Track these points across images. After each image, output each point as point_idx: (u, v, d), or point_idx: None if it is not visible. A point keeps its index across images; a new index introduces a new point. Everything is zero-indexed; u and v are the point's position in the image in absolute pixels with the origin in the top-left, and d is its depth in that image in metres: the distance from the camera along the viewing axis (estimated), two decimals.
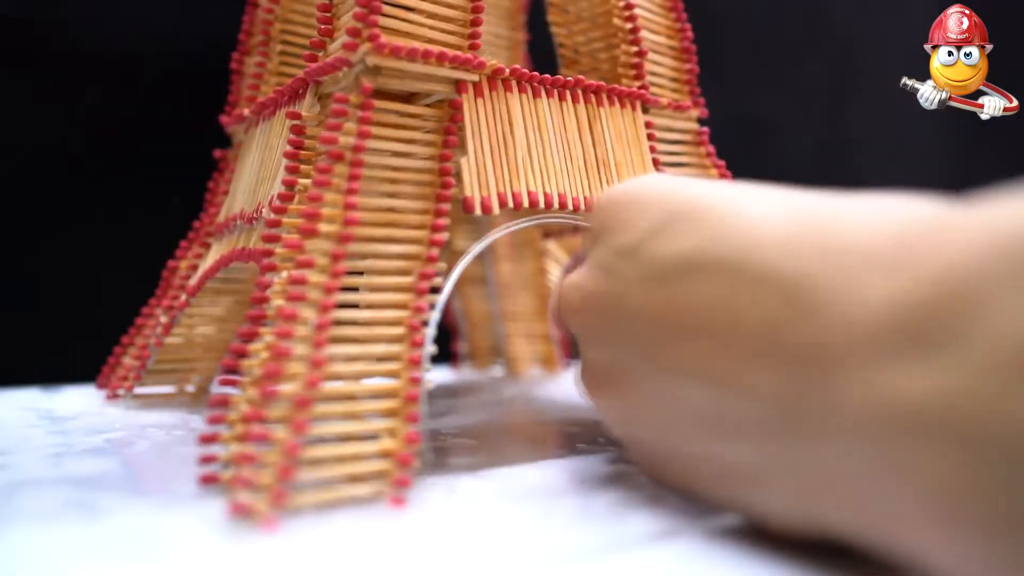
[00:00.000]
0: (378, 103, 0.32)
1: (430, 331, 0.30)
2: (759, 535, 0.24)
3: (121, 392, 0.46)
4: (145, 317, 0.48)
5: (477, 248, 0.34)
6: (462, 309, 0.62)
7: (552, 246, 0.63)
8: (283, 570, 0.21)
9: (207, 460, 0.28)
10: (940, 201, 0.21)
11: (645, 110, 0.41)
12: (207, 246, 0.46)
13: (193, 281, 0.44)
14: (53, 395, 0.49)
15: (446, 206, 0.32)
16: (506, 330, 0.61)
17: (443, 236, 0.32)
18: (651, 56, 0.42)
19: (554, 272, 0.62)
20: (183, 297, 0.44)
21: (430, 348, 0.30)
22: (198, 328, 0.46)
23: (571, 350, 0.64)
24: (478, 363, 0.63)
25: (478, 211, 0.32)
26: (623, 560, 0.22)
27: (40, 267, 0.55)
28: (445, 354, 0.62)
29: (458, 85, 0.33)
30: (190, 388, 0.47)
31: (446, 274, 0.32)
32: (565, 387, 0.56)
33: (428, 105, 0.33)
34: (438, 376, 0.60)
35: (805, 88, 0.83)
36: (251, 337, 0.29)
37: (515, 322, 0.61)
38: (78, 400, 0.47)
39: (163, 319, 0.45)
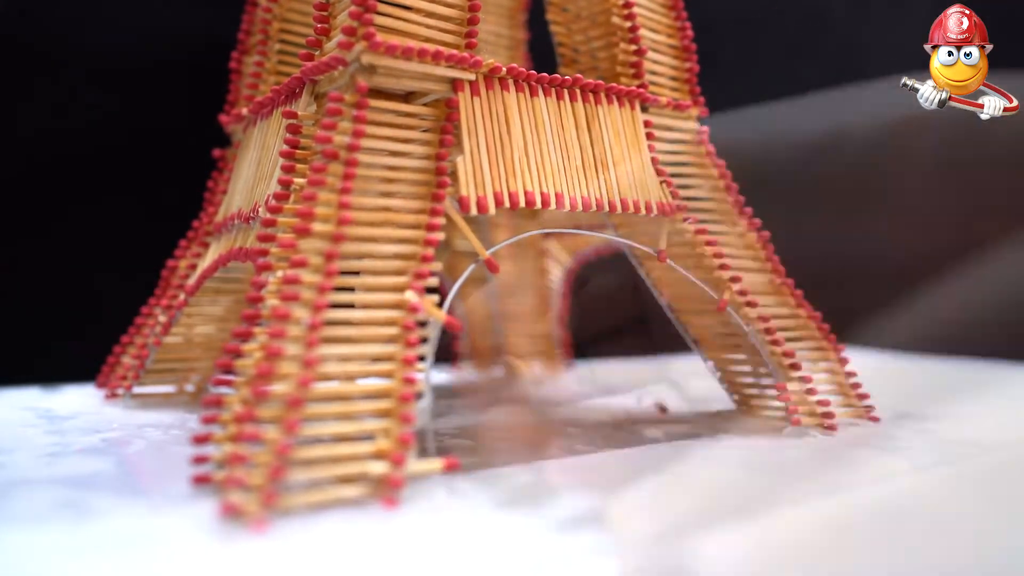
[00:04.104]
0: (373, 102, 0.31)
1: (433, 332, 0.30)
2: (757, 535, 0.24)
3: (120, 391, 0.46)
4: (144, 317, 0.48)
5: (493, 248, 0.34)
6: (462, 309, 0.62)
7: (552, 246, 0.62)
8: (272, 570, 0.21)
9: (200, 460, 0.28)
10: None
11: (644, 109, 0.41)
12: (206, 245, 0.46)
13: (192, 280, 0.44)
14: (53, 394, 0.49)
15: (442, 206, 0.32)
16: (506, 330, 0.61)
17: (438, 236, 0.32)
18: (650, 55, 0.42)
19: (554, 272, 0.62)
20: (182, 296, 0.44)
21: (433, 347, 0.30)
22: (197, 327, 0.46)
23: (571, 350, 0.63)
24: (478, 363, 0.62)
25: (474, 211, 0.32)
26: (622, 560, 0.22)
27: (40, 267, 0.55)
28: (445, 354, 0.62)
29: (454, 84, 0.33)
30: (189, 387, 0.47)
31: (452, 279, 0.32)
32: (565, 387, 0.56)
33: (424, 104, 0.33)
34: (439, 376, 0.60)
35: (804, 87, 0.83)
36: (246, 337, 0.29)
37: (515, 322, 0.61)
38: (77, 399, 0.47)
39: (162, 318, 0.45)
